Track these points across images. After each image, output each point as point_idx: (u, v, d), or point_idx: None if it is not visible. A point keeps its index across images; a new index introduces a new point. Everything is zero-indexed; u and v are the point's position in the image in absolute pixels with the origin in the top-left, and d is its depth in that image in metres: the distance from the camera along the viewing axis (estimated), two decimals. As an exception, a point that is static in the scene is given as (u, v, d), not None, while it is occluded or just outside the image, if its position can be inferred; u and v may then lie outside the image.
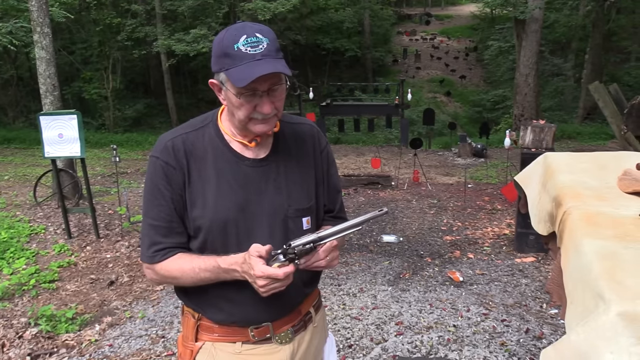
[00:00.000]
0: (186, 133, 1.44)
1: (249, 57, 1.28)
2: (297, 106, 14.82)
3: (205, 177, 1.41)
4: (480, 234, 6.01)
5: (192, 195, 1.41)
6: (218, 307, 1.46)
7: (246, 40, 1.29)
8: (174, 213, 1.41)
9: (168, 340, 3.73)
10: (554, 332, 3.66)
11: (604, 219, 1.45)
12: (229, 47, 1.30)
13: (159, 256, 1.42)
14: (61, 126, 5.57)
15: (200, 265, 1.38)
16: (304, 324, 1.57)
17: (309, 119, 1.62)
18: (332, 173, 1.61)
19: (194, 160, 1.41)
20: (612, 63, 20.49)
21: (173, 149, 1.40)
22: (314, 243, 1.29)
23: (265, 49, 1.29)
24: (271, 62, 1.28)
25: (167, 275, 1.43)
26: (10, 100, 19.95)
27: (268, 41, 1.31)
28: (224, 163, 1.43)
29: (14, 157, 12.54)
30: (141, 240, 1.48)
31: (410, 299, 4.28)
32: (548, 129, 5.39)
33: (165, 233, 1.42)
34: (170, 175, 1.40)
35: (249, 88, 1.30)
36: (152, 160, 1.43)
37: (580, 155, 2.01)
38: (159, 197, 1.41)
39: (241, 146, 1.45)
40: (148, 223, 1.43)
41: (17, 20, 12.85)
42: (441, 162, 11.47)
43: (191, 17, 18.17)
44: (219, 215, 1.39)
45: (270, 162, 1.46)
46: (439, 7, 48.28)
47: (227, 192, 1.41)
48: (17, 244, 5.60)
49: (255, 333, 1.47)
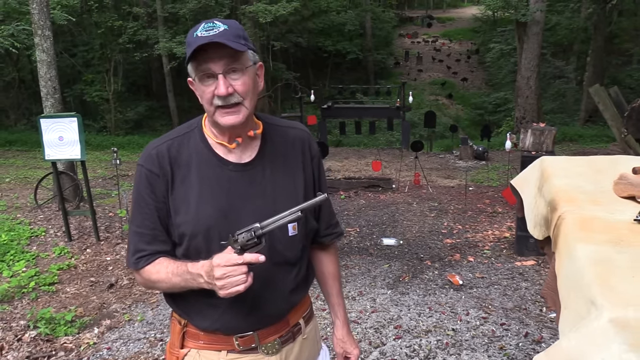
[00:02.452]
0: (171, 139, 1.44)
1: (202, 39, 1.28)
2: (298, 108, 14.83)
3: (188, 183, 1.40)
4: (481, 237, 6.00)
5: (176, 202, 1.40)
6: (202, 313, 1.44)
7: (203, 27, 1.31)
8: (157, 221, 1.41)
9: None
10: (553, 336, 3.65)
11: (598, 224, 1.44)
12: (190, 36, 1.31)
13: (142, 262, 1.42)
14: (62, 129, 5.58)
15: (173, 270, 1.37)
16: (292, 335, 1.54)
17: (300, 124, 1.60)
18: (322, 181, 1.60)
19: (178, 167, 1.41)
20: (614, 65, 20.43)
21: (157, 157, 1.40)
22: (255, 231, 1.27)
23: (221, 32, 1.29)
24: (219, 38, 1.27)
25: (148, 279, 1.43)
26: (11, 103, 19.99)
27: (226, 27, 1.31)
28: (207, 168, 1.42)
29: (15, 160, 12.55)
30: (127, 246, 1.49)
31: (410, 303, 4.28)
32: (548, 132, 5.39)
33: (149, 240, 1.42)
34: (153, 183, 1.40)
35: (204, 69, 1.30)
36: (138, 169, 1.44)
37: (576, 159, 2.00)
38: (142, 205, 1.41)
39: (225, 150, 1.43)
40: (133, 230, 1.44)
41: (19, 23, 12.90)
42: (442, 165, 11.45)
43: (192, 20, 18.17)
44: (201, 221, 1.38)
45: (256, 166, 1.45)
46: (440, 9, 48.25)
47: (209, 198, 1.39)
48: (18, 247, 5.61)
49: (241, 342, 1.45)
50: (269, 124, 1.50)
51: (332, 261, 1.71)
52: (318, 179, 1.57)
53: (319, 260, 1.70)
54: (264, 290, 1.41)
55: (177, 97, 19.65)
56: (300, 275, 1.54)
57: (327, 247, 1.70)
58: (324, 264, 1.70)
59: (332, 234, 1.66)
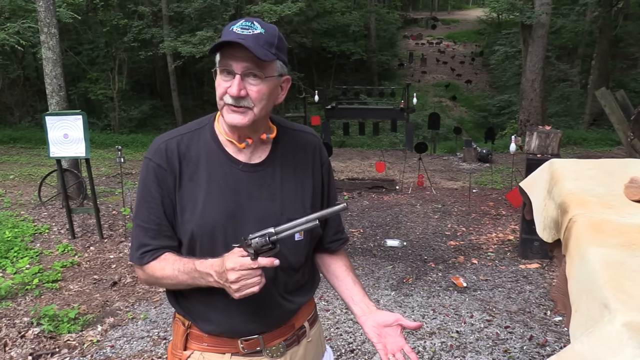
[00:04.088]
0: (181, 135, 1.42)
1: (235, 35, 1.26)
2: (302, 109, 14.83)
3: (196, 181, 1.38)
4: (485, 239, 5.98)
5: (183, 199, 1.37)
6: (207, 316, 1.42)
7: (242, 24, 1.28)
8: (164, 216, 1.38)
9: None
10: (557, 339, 3.63)
11: (610, 227, 1.43)
12: (226, 29, 1.29)
13: (147, 257, 1.39)
14: (66, 126, 5.59)
15: (180, 267, 1.35)
16: (297, 339, 1.52)
17: (311, 129, 1.58)
18: (332, 186, 1.57)
19: (186, 163, 1.38)
20: (619, 69, 20.41)
21: (166, 151, 1.38)
22: (270, 236, 1.25)
23: (255, 34, 1.26)
24: (247, 41, 1.24)
25: (152, 275, 1.41)
26: (16, 100, 20.03)
27: (263, 31, 1.28)
28: (216, 166, 1.39)
29: (20, 157, 12.58)
30: (131, 241, 1.46)
31: (413, 304, 4.26)
32: (554, 134, 5.37)
33: (154, 235, 1.39)
34: (161, 177, 1.37)
35: (225, 64, 1.28)
36: (145, 162, 1.40)
37: (586, 162, 1.99)
38: (149, 199, 1.38)
39: (235, 149, 1.41)
40: (137, 224, 1.41)
41: (25, 21, 12.93)
42: (446, 167, 11.43)
43: (198, 19, 18.23)
44: (207, 220, 1.36)
45: (266, 167, 1.42)
46: (445, 11, 48.27)
47: (217, 197, 1.37)
48: (21, 244, 5.61)
49: (245, 345, 1.43)
50: (282, 128, 1.48)
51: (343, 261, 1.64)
52: (328, 185, 1.55)
53: (331, 264, 1.62)
54: (269, 294, 1.39)
55: (181, 96, 19.68)
56: (305, 279, 1.52)
57: (336, 252, 1.64)
58: (337, 266, 1.62)
59: (339, 239, 1.62)
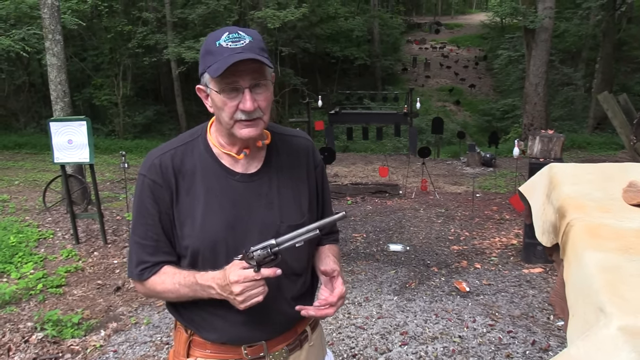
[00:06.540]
0: (174, 149, 1.41)
1: (230, 51, 1.25)
2: (305, 114, 14.86)
3: (193, 195, 1.37)
4: (488, 244, 5.97)
5: (181, 214, 1.37)
6: (211, 325, 1.43)
7: (228, 36, 1.28)
8: (161, 232, 1.38)
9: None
10: (560, 344, 3.62)
11: (607, 231, 1.43)
12: (211, 44, 1.28)
13: (146, 273, 1.40)
14: (71, 132, 5.63)
15: (180, 280, 1.35)
16: (299, 343, 1.53)
17: (304, 132, 1.58)
18: (325, 189, 1.58)
19: (182, 177, 1.38)
20: (623, 73, 20.34)
21: (160, 167, 1.37)
22: (271, 248, 1.26)
23: (247, 44, 1.26)
24: (251, 54, 1.25)
25: (152, 290, 1.41)
26: (22, 106, 20.16)
27: (251, 39, 1.28)
28: (213, 179, 1.39)
29: (25, 162, 12.65)
30: (128, 257, 1.45)
31: (416, 309, 4.26)
32: (556, 139, 5.36)
33: (152, 252, 1.39)
34: (157, 193, 1.37)
35: (230, 82, 1.26)
36: (140, 178, 1.40)
37: (585, 167, 1.99)
38: (146, 216, 1.38)
39: (231, 160, 1.41)
40: (135, 241, 1.41)
41: (30, 27, 13.04)
42: (449, 171, 11.43)
43: (201, 25, 18.32)
44: (207, 234, 1.36)
45: (262, 176, 1.42)
46: (448, 16, 48.31)
47: (216, 210, 1.37)
48: (26, 249, 5.64)
49: (249, 352, 1.44)
50: (275, 134, 1.48)
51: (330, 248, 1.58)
52: (322, 187, 1.56)
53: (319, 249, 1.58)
54: (272, 300, 1.39)
55: (185, 102, 19.75)
56: (307, 284, 1.53)
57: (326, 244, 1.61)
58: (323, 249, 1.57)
59: (331, 239, 1.63)
